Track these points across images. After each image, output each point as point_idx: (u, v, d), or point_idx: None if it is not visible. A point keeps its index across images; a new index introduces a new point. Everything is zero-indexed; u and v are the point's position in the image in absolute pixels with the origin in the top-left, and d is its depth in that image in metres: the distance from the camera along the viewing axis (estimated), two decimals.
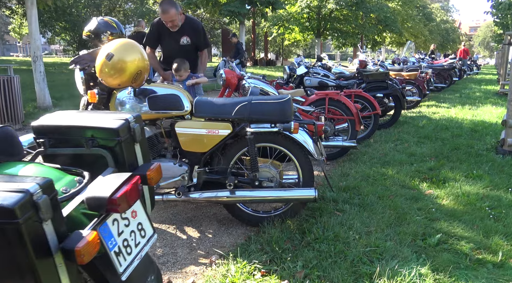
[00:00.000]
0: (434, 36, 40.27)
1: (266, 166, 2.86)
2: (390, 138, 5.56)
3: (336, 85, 6.44)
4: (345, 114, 4.66)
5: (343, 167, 4.27)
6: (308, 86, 6.37)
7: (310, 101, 4.73)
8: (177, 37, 3.98)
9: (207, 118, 2.74)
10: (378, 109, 5.39)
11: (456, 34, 55.08)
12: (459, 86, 14.67)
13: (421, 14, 36.29)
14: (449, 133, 5.84)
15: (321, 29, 21.98)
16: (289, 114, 2.68)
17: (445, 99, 10.59)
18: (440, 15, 50.70)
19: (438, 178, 3.83)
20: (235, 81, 4.77)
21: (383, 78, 6.27)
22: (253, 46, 32.81)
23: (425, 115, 7.56)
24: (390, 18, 24.52)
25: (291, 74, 6.40)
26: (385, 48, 42.42)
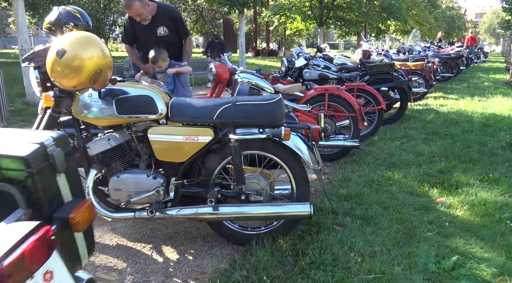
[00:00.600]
0: (440, 23, 39.45)
1: (255, 176, 2.49)
2: (396, 136, 5.16)
3: (337, 78, 6.03)
4: (347, 111, 4.27)
5: (344, 169, 3.90)
6: (307, 79, 5.97)
7: (309, 97, 4.34)
8: (152, 30, 3.61)
9: (185, 123, 2.37)
10: (383, 104, 4.99)
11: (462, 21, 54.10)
12: (466, 76, 14.17)
13: (426, 1, 35.45)
14: (460, 129, 5.44)
15: (323, 18, 21.37)
16: (280, 117, 2.30)
17: (453, 90, 10.13)
18: (445, 1, 49.71)
19: (450, 182, 3.45)
20: (227, 76, 4.38)
21: (388, 70, 5.85)
22: (255, 36, 32.31)
23: (432, 109, 7.14)
24: (395, 5, 23.84)
25: (289, 66, 5.99)
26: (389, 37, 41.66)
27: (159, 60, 3.52)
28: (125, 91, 2.35)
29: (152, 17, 3.62)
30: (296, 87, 4.32)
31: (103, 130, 2.44)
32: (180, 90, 3.67)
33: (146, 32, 3.67)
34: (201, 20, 31.72)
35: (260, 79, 4.32)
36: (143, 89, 2.37)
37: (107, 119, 2.32)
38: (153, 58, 3.52)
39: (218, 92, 4.45)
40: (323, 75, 5.93)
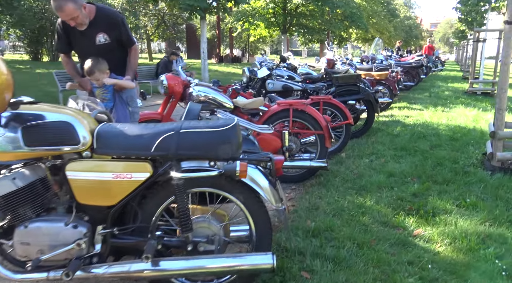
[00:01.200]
0: (399, 32, 40.66)
1: (205, 219, 2.04)
2: (364, 152, 4.86)
3: (302, 89, 5.70)
4: (313, 128, 3.90)
5: (311, 194, 3.51)
6: (270, 90, 5.59)
7: (272, 113, 3.94)
8: (90, 36, 3.08)
9: (115, 156, 1.88)
10: (350, 119, 4.68)
11: (418, 30, 56.26)
12: (427, 84, 14.39)
13: (385, 10, 36.44)
14: (428, 143, 5.22)
15: (287, 25, 21.28)
16: (235, 148, 1.87)
17: (416, 99, 10.11)
18: (403, 11, 51.46)
19: (425, 208, 3.14)
20: (180, 89, 3.91)
21: (355, 81, 5.57)
22: (218, 43, 31.88)
23: (398, 120, 6.96)
24: (356, 14, 24.19)
25: (251, 77, 5.59)
26: (351, 44, 42.49)
27: (96, 72, 3.00)
28: (36, 116, 1.84)
29: (90, 22, 3.09)
30: (257, 102, 3.90)
31: (10, 165, 1.91)
32: (120, 110, 3.16)
33: (83, 40, 3.13)
34: (163, 25, 30.90)
35: (218, 93, 3.88)
36: (60, 113, 1.87)
37: (10, 153, 1.80)
38: (89, 70, 3.00)
39: (170, 107, 3.97)
40: (287, 87, 5.57)
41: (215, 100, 3.83)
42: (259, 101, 3.90)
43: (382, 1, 35.58)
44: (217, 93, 3.87)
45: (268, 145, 3.72)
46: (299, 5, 20.10)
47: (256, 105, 3.89)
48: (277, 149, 3.78)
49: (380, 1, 34.57)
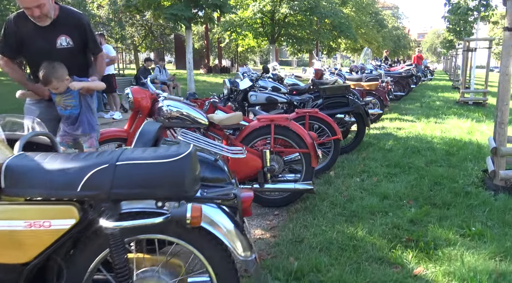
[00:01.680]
0: (387, 42, 40.84)
1: (154, 273, 1.60)
2: (355, 170, 4.46)
3: (287, 101, 5.30)
4: (297, 145, 3.48)
5: (295, 222, 3.08)
6: (253, 103, 5.19)
7: (251, 129, 3.52)
8: (50, 38, 2.65)
9: (28, 199, 1.44)
10: (339, 134, 4.28)
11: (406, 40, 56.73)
12: (417, 94, 14.15)
13: (374, 20, 36.58)
14: (423, 159, 4.85)
15: (275, 35, 21.02)
16: (188, 184, 1.44)
17: (407, 110, 9.80)
18: (391, 21, 51.92)
19: (425, 239, 2.73)
20: (148, 104, 3.48)
21: (343, 93, 5.20)
22: (207, 53, 31.55)
23: (390, 133, 6.59)
24: (345, 24, 24.07)
25: (232, 88, 5.18)
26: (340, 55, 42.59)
27: (53, 80, 2.56)
28: None
29: (52, 22, 2.64)
30: (235, 118, 3.48)
31: None
32: (87, 118, 2.73)
33: (40, 41, 2.67)
34: (150, 36, 30.53)
35: (190, 108, 3.45)
36: None
37: None
38: (45, 79, 2.56)
39: (137, 124, 3.53)
40: (271, 99, 5.17)
41: (188, 116, 3.41)
42: (237, 116, 3.48)
43: (370, 12, 35.74)
44: (189, 108, 3.45)
45: (246, 166, 3.30)
46: (287, 15, 19.87)
47: (233, 121, 3.47)
48: (257, 169, 3.36)
49: (368, 12, 34.71)
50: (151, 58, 11.42)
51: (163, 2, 13.71)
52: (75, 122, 2.75)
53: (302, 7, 19.06)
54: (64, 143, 2.76)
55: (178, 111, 3.40)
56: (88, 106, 2.82)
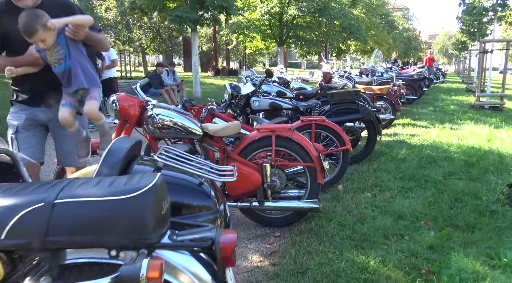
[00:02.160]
0: (397, 44, 40.24)
1: None
2: (366, 183, 4.08)
3: (292, 107, 4.94)
4: (301, 159, 3.12)
5: (298, 248, 2.72)
6: (256, 109, 4.85)
7: (250, 141, 3.17)
8: None
9: None
10: (348, 144, 3.91)
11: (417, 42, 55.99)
12: (429, 98, 13.68)
13: (384, 22, 36.05)
14: (440, 171, 4.45)
15: (283, 37, 20.68)
16: (150, 229, 1.10)
17: (420, 114, 9.38)
18: (401, 23, 51.25)
19: (448, 273, 2.35)
20: (136, 112, 3.15)
21: (353, 98, 4.82)
22: (215, 55, 31.34)
23: (403, 140, 6.19)
24: (354, 26, 23.63)
25: (233, 94, 4.84)
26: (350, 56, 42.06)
27: (39, 28, 2.06)
28: None
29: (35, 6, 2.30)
30: (232, 128, 3.13)
31: None
32: (81, 69, 2.27)
33: None
34: (158, 38, 30.41)
35: (182, 116, 3.12)
36: None
37: None
38: (28, 27, 2.06)
39: (125, 134, 3.20)
40: (275, 105, 4.82)
41: (180, 126, 3.08)
42: (234, 126, 3.13)
43: (380, 13, 35.21)
44: (182, 116, 3.12)
45: (244, 181, 2.96)
46: (296, 16, 19.52)
47: (230, 132, 3.13)
48: (256, 185, 3.02)
49: (378, 13, 34.19)
50: (163, 64, 11.15)
51: (168, 4, 13.48)
52: (71, 79, 2.29)
53: (310, 8, 18.71)
54: (68, 103, 2.36)
55: (169, 121, 3.08)
56: (80, 54, 2.30)
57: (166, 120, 3.07)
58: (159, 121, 3.06)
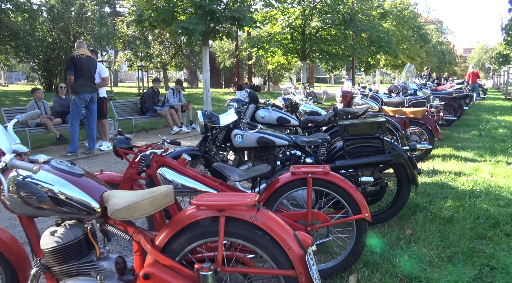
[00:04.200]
0: (431, 58, 38.08)
1: None
2: (393, 270, 2.61)
3: (289, 144, 3.55)
4: (273, 260, 1.73)
5: None
6: (239, 146, 3.49)
7: (185, 224, 1.81)
8: None
9: None
10: (365, 211, 2.48)
11: (451, 56, 53.32)
12: (471, 118, 11.91)
13: (416, 35, 34.12)
14: (506, 244, 2.93)
15: (306, 51, 19.33)
16: None
17: (462, 141, 7.73)
18: (435, 36, 48.98)
19: None
20: None
21: (375, 132, 3.39)
22: (237, 71, 30.33)
23: (446, 184, 4.64)
24: (384, 39, 22.06)
25: (207, 125, 3.51)
26: (379, 71, 40.15)
27: None
28: None
29: None
30: (148, 203, 1.77)
31: None
32: None
33: None
34: (180, 54, 29.77)
35: (74, 182, 1.80)
36: None
37: None
38: None
39: None
40: (265, 141, 3.45)
41: (61, 201, 1.76)
42: (156, 198, 1.77)
43: (412, 26, 33.33)
44: (71, 185, 1.80)
45: None
46: (319, 29, 18.18)
47: (145, 209, 1.77)
48: None
49: (410, 26, 32.33)
50: (159, 79, 10.10)
51: (179, 16, 12.48)
52: None
53: (335, 20, 17.33)
54: None
55: (49, 191, 1.77)
56: None
57: (48, 190, 1.76)
58: (30, 193, 1.76)
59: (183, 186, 2.51)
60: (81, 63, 6.37)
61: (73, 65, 6.33)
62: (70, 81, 6.42)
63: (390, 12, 26.99)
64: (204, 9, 10.89)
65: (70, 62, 6.36)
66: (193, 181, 2.55)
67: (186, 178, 2.56)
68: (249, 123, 3.43)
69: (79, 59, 6.37)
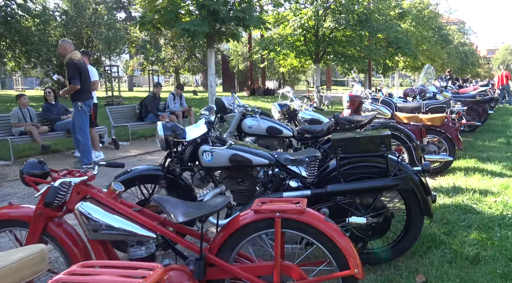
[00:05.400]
0: (453, 59, 36.65)
1: None
2: None
3: (271, 163, 2.86)
4: None
5: None
6: (208, 165, 2.83)
7: None
8: None
9: None
10: (356, 266, 1.77)
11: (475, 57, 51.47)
12: (497, 123, 10.93)
13: (437, 35, 32.82)
14: None
15: (320, 54, 18.56)
16: None
17: (488, 151, 6.87)
18: (457, 37, 47.33)
19: None
20: None
21: (376, 149, 2.67)
22: (250, 74, 29.74)
23: (469, 208, 3.85)
24: (403, 40, 21.10)
25: (169, 139, 2.86)
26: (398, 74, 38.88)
27: None
28: None
29: None
30: None
31: None
32: None
33: None
34: (193, 58, 29.40)
35: None
36: None
37: None
38: None
39: None
40: (238, 158, 2.78)
41: None
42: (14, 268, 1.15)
43: (432, 26, 32.07)
44: None
45: None
46: (333, 30, 17.39)
47: None
48: None
49: (430, 26, 31.10)
50: (160, 84, 9.59)
51: (184, 18, 11.97)
52: None
53: (349, 20, 16.53)
54: None
55: None
56: None
57: None
58: None
59: (108, 227, 1.86)
60: (82, 68, 5.88)
61: (78, 73, 5.84)
62: (74, 89, 5.94)
63: (409, 12, 25.92)
64: (208, 10, 10.33)
65: (74, 70, 5.81)
66: (123, 221, 1.91)
67: (114, 216, 1.91)
68: (218, 138, 2.76)
69: (80, 65, 5.89)
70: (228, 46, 34.77)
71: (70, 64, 5.78)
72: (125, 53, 29.30)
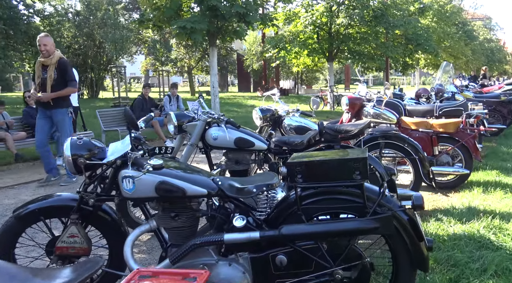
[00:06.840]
0: (478, 56, 34.93)
1: None
2: None
3: (211, 193, 2.16)
4: None
5: None
6: (130, 196, 2.16)
7: None
8: None
9: None
10: None
11: (502, 54, 49.21)
12: None
13: (460, 31, 31.28)
14: None
15: (333, 51, 17.68)
16: None
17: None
18: (483, 33, 45.31)
19: None
20: None
21: (349, 177, 1.94)
22: (264, 74, 29.03)
23: (483, 237, 3.06)
24: (423, 36, 19.98)
25: (77, 161, 2.20)
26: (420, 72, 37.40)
27: None
28: None
29: None
30: None
31: None
32: None
33: None
34: (206, 58, 28.89)
35: None
36: None
37: None
38: None
39: None
40: (167, 188, 2.09)
41: None
42: None
43: (456, 22, 30.57)
44: None
45: None
46: (347, 26, 16.49)
47: None
48: None
49: (453, 22, 29.62)
50: (149, 84, 9.08)
51: (185, 15, 11.39)
52: None
53: (364, 16, 15.62)
54: None
55: None
56: None
57: None
58: None
59: None
60: None
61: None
62: (73, 92, 5.42)
63: (430, 7, 24.64)
64: (207, 5, 9.70)
65: (71, 70, 5.26)
66: None
67: None
68: (136, 162, 2.09)
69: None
70: (245, 46, 34.11)
71: (66, 64, 5.13)
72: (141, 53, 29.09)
